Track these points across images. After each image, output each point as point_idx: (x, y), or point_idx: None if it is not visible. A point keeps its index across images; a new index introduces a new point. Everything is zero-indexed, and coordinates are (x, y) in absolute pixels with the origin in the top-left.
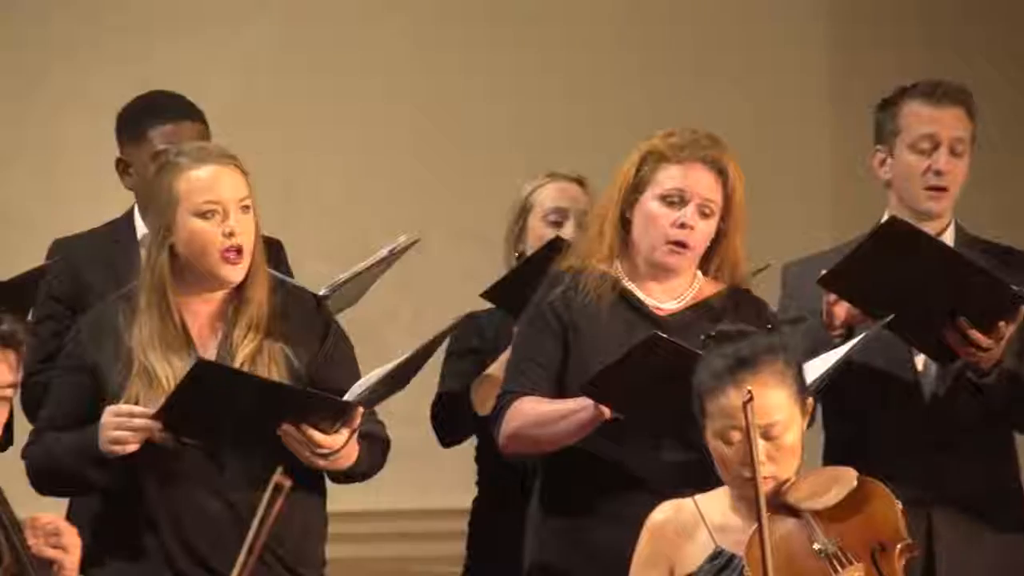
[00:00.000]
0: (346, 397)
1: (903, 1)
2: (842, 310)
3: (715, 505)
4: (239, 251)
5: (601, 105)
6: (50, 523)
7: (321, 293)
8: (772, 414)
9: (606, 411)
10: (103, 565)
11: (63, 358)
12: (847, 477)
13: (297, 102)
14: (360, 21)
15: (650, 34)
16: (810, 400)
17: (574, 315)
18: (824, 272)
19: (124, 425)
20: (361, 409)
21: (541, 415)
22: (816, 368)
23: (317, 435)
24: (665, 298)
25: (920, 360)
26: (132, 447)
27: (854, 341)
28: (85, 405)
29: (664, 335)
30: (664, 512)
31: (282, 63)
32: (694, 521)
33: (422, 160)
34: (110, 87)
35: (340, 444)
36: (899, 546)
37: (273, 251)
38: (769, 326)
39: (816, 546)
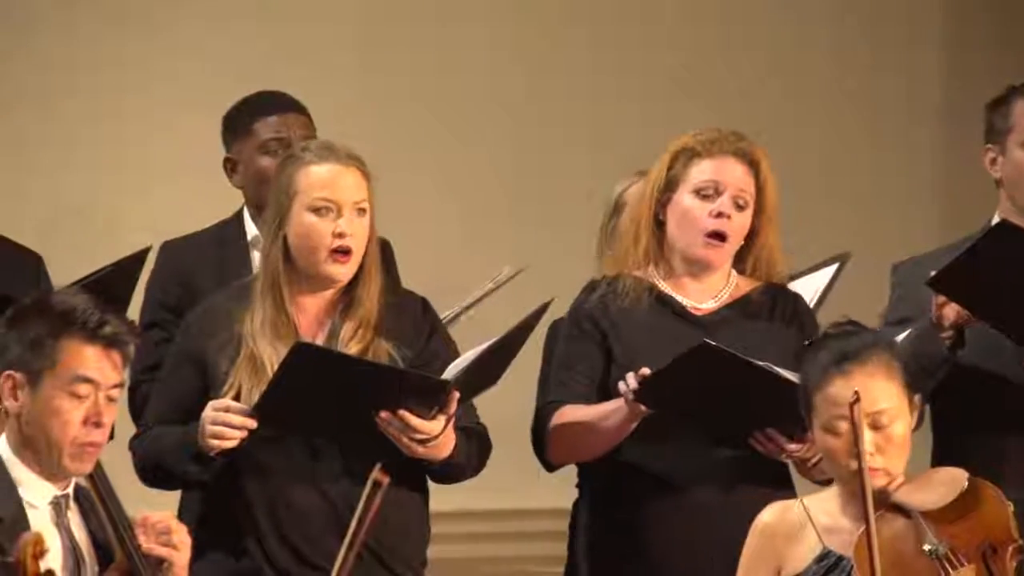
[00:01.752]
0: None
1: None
2: (952, 311)
3: (823, 506)
4: (347, 252)
5: (696, 107)
6: (161, 522)
7: None
8: (879, 402)
9: (641, 405)
10: (204, 559)
11: (171, 352)
12: (958, 478)
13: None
14: (444, 20)
15: (756, 33)
16: (917, 397)
17: (613, 320)
18: (933, 273)
19: (220, 420)
20: (457, 394)
21: (582, 420)
22: None
23: (414, 419)
24: (703, 297)
25: None
26: (230, 443)
27: (917, 324)
28: (192, 398)
29: (714, 343)
30: (772, 513)
31: (365, 62)
32: (801, 522)
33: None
34: (197, 86)
35: (437, 430)
36: (1011, 547)
37: (382, 252)
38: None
39: (926, 547)
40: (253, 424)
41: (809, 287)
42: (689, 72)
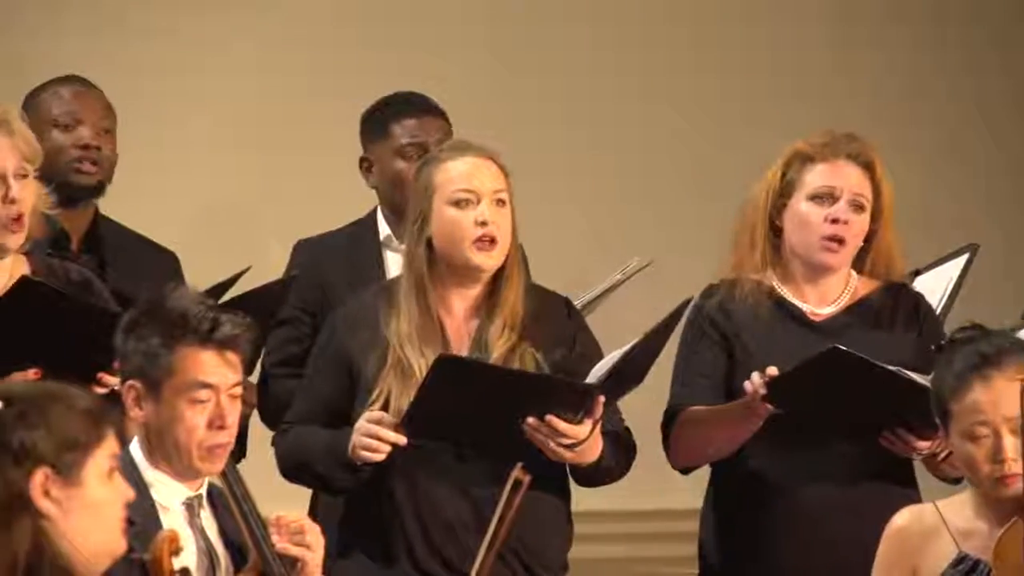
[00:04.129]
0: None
1: None
2: None
3: (958, 510)
4: (492, 240)
5: (827, 105)
6: (295, 521)
7: None
8: (1020, 407)
9: (768, 405)
10: (350, 559)
11: (318, 350)
12: None
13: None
14: (568, 20)
15: (878, 35)
16: None
17: (733, 324)
18: None
19: (372, 433)
20: (602, 398)
21: (705, 421)
22: None
23: (561, 424)
24: (821, 302)
25: None
26: (380, 456)
27: None
28: (337, 398)
29: (844, 348)
30: (906, 517)
31: (493, 63)
32: (936, 526)
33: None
34: (335, 90)
35: (584, 434)
36: None
37: None
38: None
39: None
40: (403, 441)
41: (941, 278)
42: (805, 72)
